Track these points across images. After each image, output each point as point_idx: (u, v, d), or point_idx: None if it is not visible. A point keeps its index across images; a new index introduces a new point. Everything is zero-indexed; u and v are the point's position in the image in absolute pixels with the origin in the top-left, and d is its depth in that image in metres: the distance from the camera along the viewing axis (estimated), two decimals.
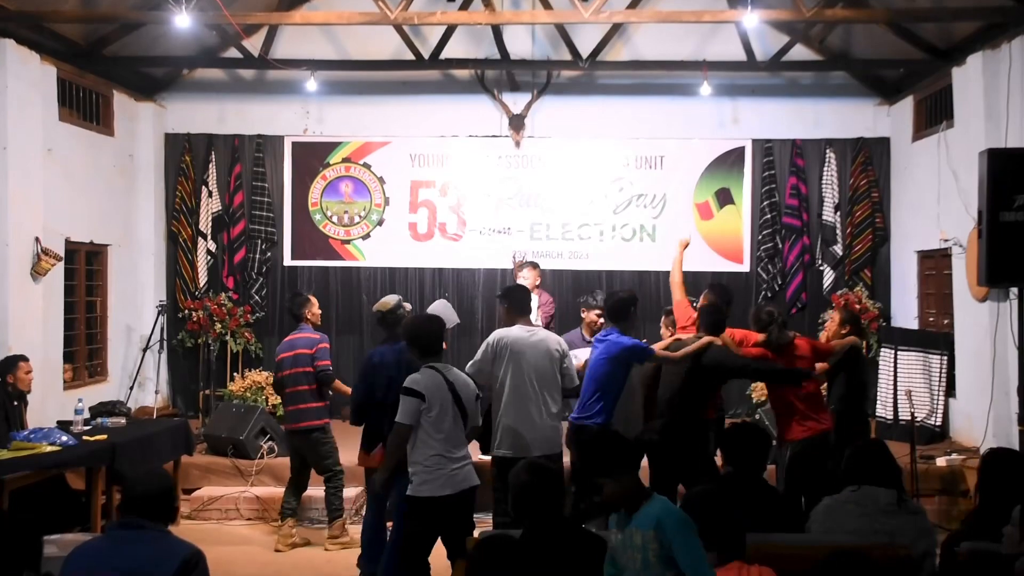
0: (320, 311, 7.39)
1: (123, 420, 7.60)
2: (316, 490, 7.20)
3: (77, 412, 7.13)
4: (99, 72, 9.50)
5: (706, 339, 5.85)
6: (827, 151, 10.38)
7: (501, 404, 5.64)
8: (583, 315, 7.39)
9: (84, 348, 9.44)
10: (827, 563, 3.09)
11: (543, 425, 5.59)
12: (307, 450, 6.98)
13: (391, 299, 6.25)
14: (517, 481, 3.73)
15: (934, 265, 9.44)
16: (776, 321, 6.00)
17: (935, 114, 9.39)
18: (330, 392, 7.05)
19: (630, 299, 6.04)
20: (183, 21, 7.69)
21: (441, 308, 6.40)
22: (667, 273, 10.18)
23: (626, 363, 5.89)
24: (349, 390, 6.40)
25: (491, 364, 5.66)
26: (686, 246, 6.88)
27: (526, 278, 8.14)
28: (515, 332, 5.72)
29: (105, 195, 9.67)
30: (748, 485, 4.31)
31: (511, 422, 5.58)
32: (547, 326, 7.53)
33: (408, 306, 6.40)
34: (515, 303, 5.90)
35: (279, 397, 7.68)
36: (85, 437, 6.76)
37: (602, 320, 6.82)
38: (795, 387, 5.91)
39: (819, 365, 6.33)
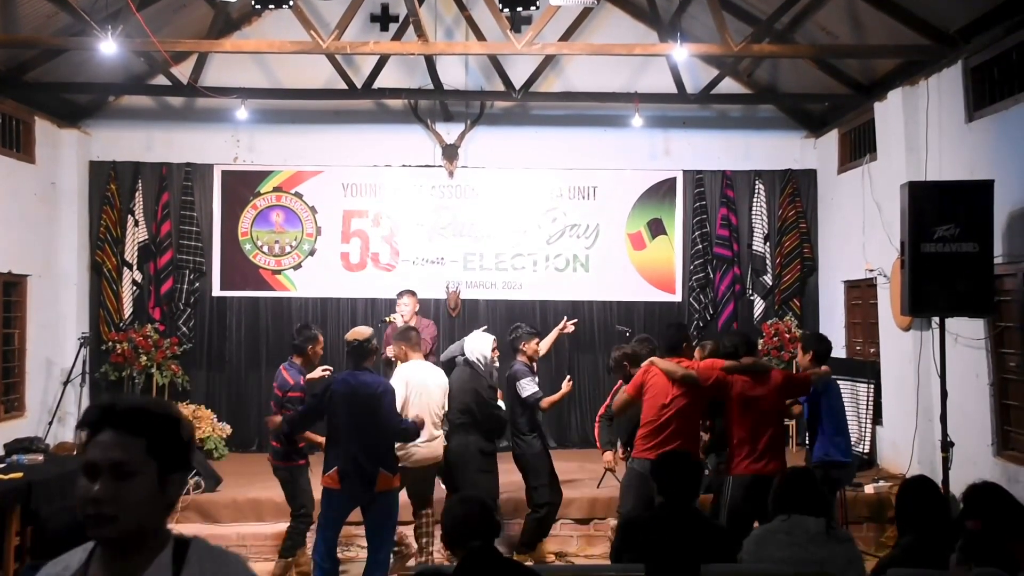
0: (322, 351, 6.90)
1: (40, 457, 7.32)
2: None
3: None
4: (19, 98, 9.23)
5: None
6: (756, 182, 10.56)
7: None
8: (523, 347, 7.23)
9: (0, 382, 9.09)
10: None
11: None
12: (281, 484, 6.72)
13: (366, 330, 6.17)
14: (451, 514, 3.67)
15: (860, 295, 9.62)
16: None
17: (859, 147, 9.63)
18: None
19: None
20: (109, 48, 7.52)
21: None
22: (601, 303, 10.42)
23: None
24: (321, 439, 6.17)
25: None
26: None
27: (405, 305, 8.28)
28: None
29: (25, 224, 9.35)
30: (680, 514, 4.29)
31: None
32: (429, 350, 7.75)
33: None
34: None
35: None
36: None
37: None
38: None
39: (796, 407, 6.55)
